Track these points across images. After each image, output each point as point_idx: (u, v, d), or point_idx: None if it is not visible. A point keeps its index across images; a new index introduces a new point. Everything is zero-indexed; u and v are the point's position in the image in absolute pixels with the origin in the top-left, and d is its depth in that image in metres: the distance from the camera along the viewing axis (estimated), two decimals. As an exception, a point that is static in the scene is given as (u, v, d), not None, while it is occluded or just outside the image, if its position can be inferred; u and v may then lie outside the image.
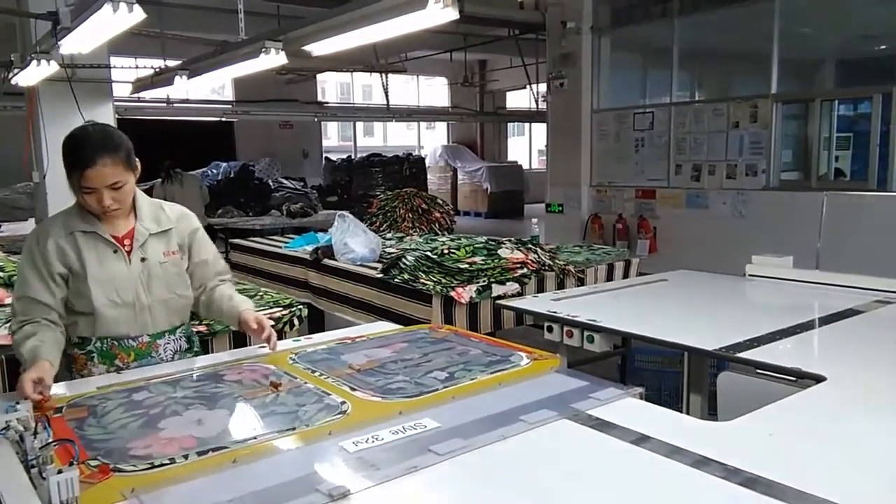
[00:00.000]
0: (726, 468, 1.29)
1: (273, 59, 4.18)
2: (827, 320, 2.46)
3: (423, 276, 3.69)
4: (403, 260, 3.88)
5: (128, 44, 5.74)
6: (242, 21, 4.77)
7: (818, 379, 1.76)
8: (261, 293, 3.30)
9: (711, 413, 2.51)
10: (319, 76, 15.10)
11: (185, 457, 1.36)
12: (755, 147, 6.93)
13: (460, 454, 1.37)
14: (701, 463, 1.31)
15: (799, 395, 1.67)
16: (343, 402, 1.64)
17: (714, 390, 2.10)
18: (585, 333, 2.49)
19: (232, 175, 11.25)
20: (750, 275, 3.27)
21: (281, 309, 3.02)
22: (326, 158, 16.18)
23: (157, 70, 6.93)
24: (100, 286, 1.96)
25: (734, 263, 3.41)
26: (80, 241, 1.97)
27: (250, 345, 2.55)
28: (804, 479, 1.23)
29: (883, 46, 6.52)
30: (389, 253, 4.33)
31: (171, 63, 6.48)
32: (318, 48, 3.97)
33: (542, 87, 10.79)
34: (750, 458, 1.32)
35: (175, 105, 11.76)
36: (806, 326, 2.36)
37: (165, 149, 9.72)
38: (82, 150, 1.90)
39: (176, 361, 2.08)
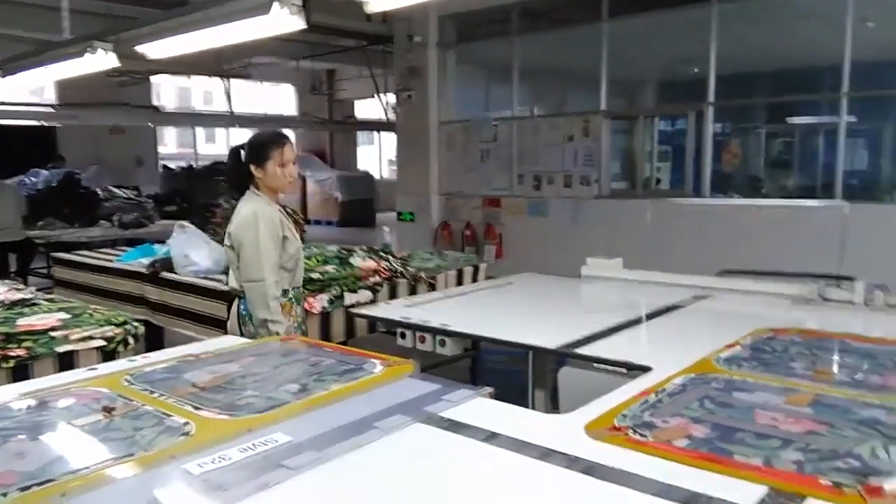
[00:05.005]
0: (568, 458, 1.37)
1: (101, 60, 3.90)
2: (652, 315, 2.70)
3: (273, 287, 3.57)
4: (251, 271, 3.74)
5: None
6: (67, 19, 4.40)
7: (645, 369, 1.92)
8: (89, 311, 3.04)
9: (555, 407, 2.66)
10: (154, 79, 14.21)
11: (4, 494, 1.22)
12: (588, 159, 7.46)
13: (314, 467, 1.35)
14: (546, 455, 1.39)
15: (629, 385, 1.82)
16: (186, 423, 1.55)
17: (557, 385, 2.22)
18: (437, 338, 2.54)
19: (55, 184, 10.27)
20: (585, 276, 3.51)
21: (113, 327, 2.80)
22: (164, 166, 15.23)
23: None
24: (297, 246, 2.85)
25: (572, 266, 3.65)
26: (280, 216, 2.79)
27: (78, 367, 2.34)
28: (636, 463, 1.34)
29: (696, 70, 7.27)
30: (236, 265, 4.15)
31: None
32: (153, 51, 3.76)
33: (391, 98, 10.91)
34: (588, 446, 1.42)
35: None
36: (635, 322, 2.58)
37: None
38: (279, 134, 2.86)
39: None
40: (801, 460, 1.33)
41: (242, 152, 2.80)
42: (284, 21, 2.60)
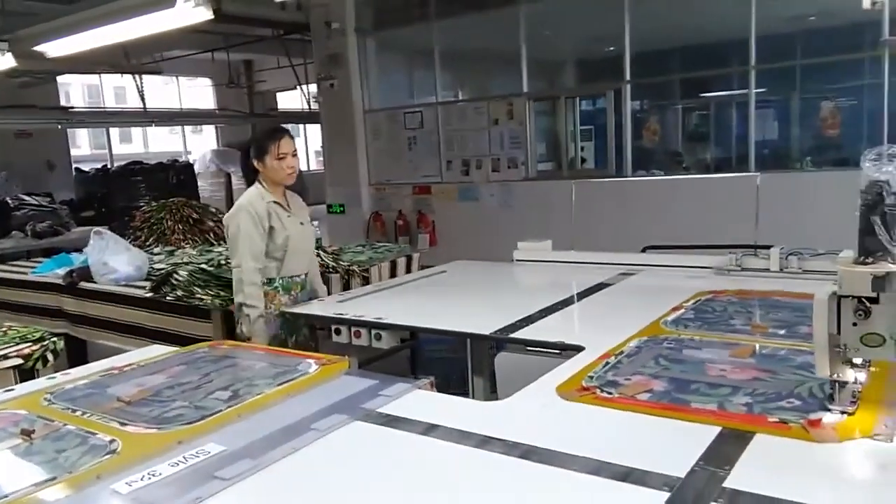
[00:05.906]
0: (506, 443, 1.38)
1: (-3, 60, 3.67)
2: (582, 295, 2.76)
3: (200, 290, 3.47)
4: (175, 275, 3.62)
5: None
6: (-47, 16, 4.10)
7: (578, 349, 1.96)
8: (3, 328, 2.87)
9: (494, 392, 2.68)
10: (60, 78, 13.48)
11: (-90, 536, 1.15)
12: (514, 142, 7.52)
13: (249, 476, 1.31)
14: (484, 442, 1.40)
15: (563, 365, 1.85)
16: (112, 441, 1.48)
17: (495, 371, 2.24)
18: (373, 332, 2.52)
19: (-44, 195, 9.63)
20: (517, 260, 3.55)
21: (30, 344, 2.66)
22: (77, 169, 14.49)
23: None
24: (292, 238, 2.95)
25: (504, 250, 3.68)
26: (273, 207, 2.92)
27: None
28: (572, 444, 1.36)
29: (612, 48, 7.40)
30: (158, 269, 4.01)
31: None
32: (54, 49, 3.56)
33: (314, 88, 10.69)
34: (525, 430, 1.44)
35: None
36: (566, 302, 2.62)
37: None
38: (276, 129, 3.04)
39: None
40: (750, 403, 1.50)
41: (251, 149, 3.03)
42: (190, 13, 2.50)
